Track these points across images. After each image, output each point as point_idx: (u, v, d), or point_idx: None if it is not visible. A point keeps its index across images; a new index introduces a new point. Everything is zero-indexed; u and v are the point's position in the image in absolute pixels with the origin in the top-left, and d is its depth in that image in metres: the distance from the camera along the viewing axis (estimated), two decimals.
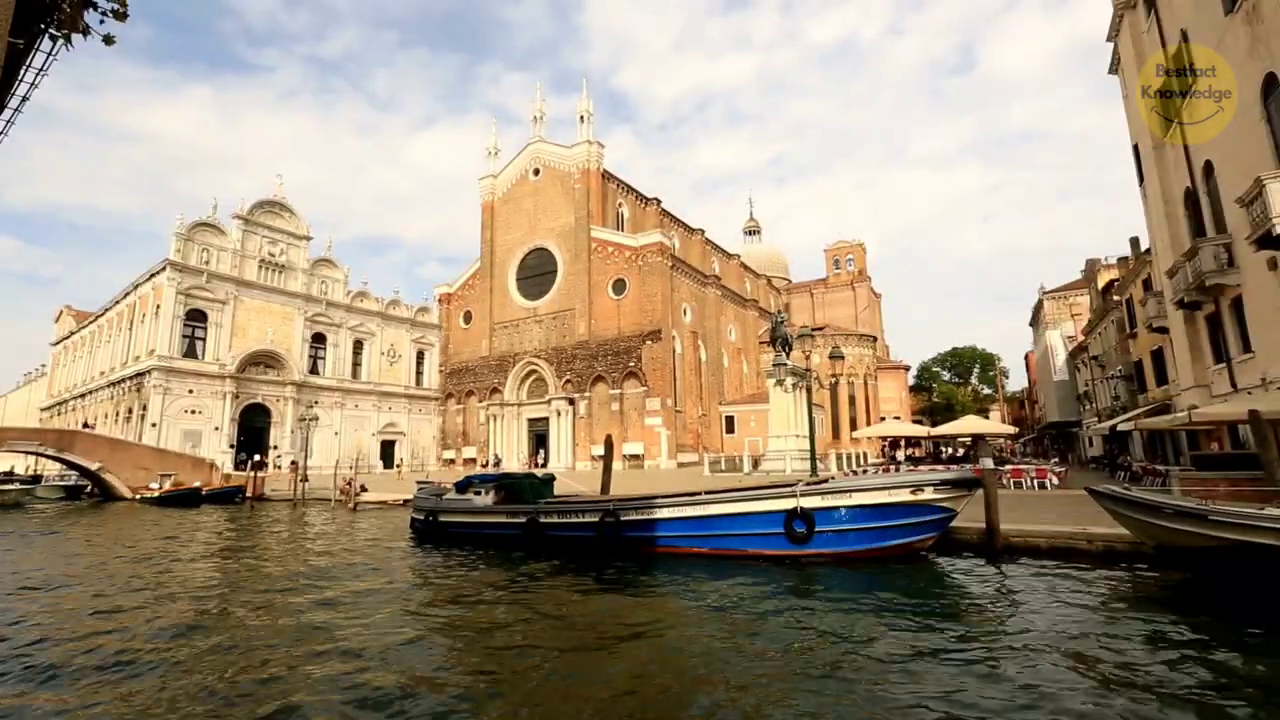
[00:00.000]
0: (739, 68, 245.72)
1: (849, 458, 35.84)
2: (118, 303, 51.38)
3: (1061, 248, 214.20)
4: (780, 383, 29.30)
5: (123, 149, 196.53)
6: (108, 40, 5.68)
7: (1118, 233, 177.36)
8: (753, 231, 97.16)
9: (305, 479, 31.54)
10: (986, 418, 58.18)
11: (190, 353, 44.47)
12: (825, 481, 13.58)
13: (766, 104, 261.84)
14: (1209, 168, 18.06)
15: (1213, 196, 18.08)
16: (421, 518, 16.99)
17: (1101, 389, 38.18)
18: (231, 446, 44.32)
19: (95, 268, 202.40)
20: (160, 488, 32.53)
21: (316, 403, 50.33)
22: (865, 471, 26.80)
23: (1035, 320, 65.74)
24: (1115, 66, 25.96)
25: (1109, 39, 25.51)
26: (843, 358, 31.41)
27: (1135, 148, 24.56)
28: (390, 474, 49.73)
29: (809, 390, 26.63)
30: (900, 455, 36.17)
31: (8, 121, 6.14)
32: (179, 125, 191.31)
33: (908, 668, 6.32)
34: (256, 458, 36.08)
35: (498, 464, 47.71)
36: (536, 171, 55.48)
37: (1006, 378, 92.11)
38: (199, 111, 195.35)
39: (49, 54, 5.71)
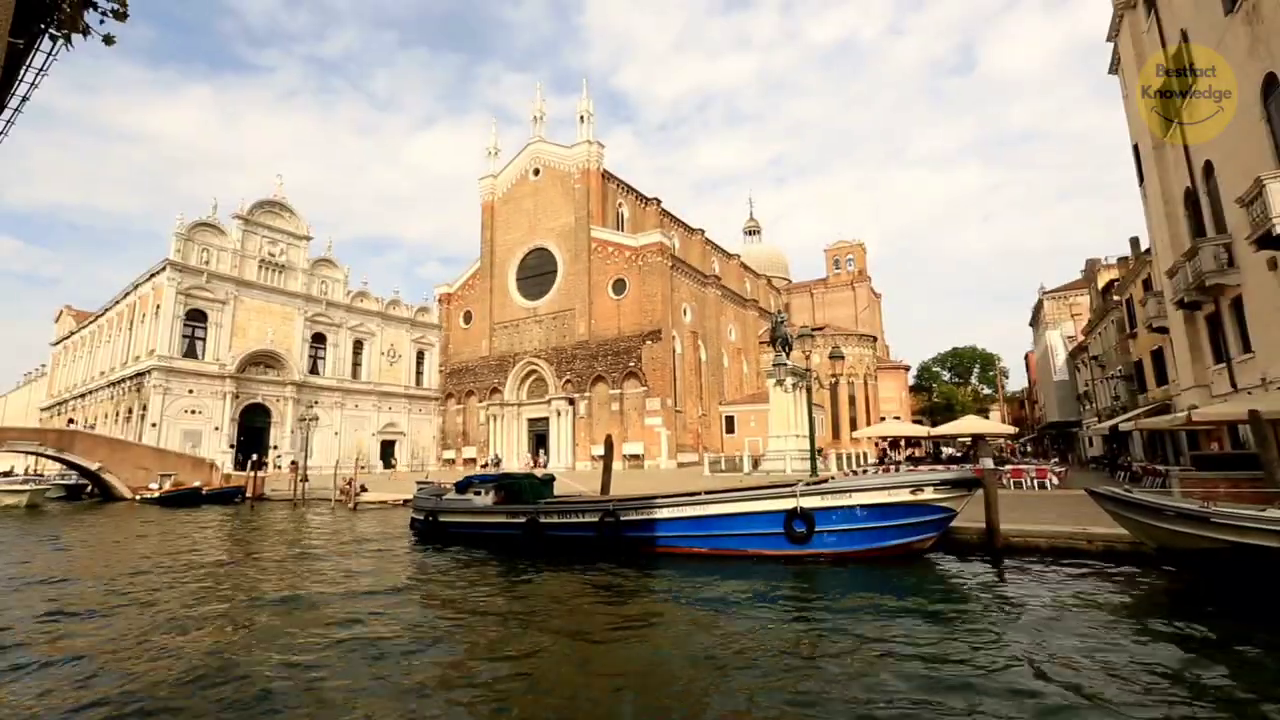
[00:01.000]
0: (739, 68, 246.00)
1: (849, 458, 35.84)
2: (118, 303, 51.37)
3: (1061, 248, 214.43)
4: (780, 383, 29.30)
5: (123, 149, 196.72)
6: (108, 40, 5.68)
7: (1118, 233, 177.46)
8: (753, 231, 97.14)
9: (305, 479, 31.55)
10: (986, 418, 58.18)
11: (190, 353, 44.47)
12: (825, 481, 13.59)
13: (766, 104, 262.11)
14: (1209, 168, 18.06)
15: (1213, 196, 18.07)
16: (421, 518, 16.99)
17: (1101, 389, 38.19)
18: (231, 446, 44.31)
19: (95, 268, 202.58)
20: (160, 488, 32.53)
21: (316, 403, 50.33)
22: (864, 471, 26.80)
23: (1035, 320, 65.74)
24: (1115, 66, 25.96)
25: (1109, 39, 25.51)
26: (843, 358, 31.40)
27: (1135, 148, 24.56)
28: (390, 473, 49.73)
29: (809, 390, 26.62)
30: (900, 455, 36.20)
31: (8, 121, 6.14)
32: (179, 125, 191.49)
33: (907, 668, 6.31)
34: (255, 457, 36.05)
35: (498, 464, 47.70)
36: (536, 171, 55.47)
37: (1006, 378, 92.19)
38: (199, 112, 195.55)
39: (49, 54, 5.71)
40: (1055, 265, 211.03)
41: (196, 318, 45.04)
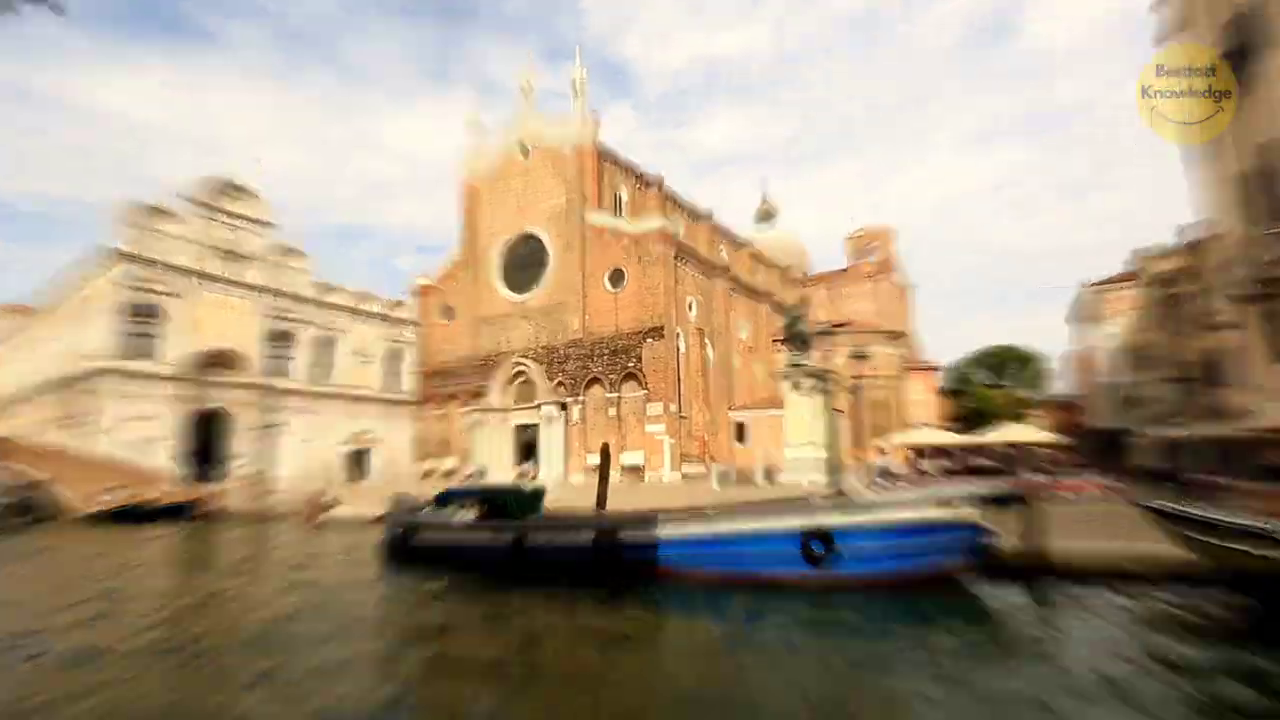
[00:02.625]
0: (750, 37, 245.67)
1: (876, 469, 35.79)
2: (56, 297, 51.36)
3: (1107, 240, 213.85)
4: (796, 385, 29.29)
5: (74, 129, 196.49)
6: (53, 7, 5.67)
7: (1169, 221, 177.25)
8: (766, 217, 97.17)
9: (266, 492, 31.53)
10: (1028, 423, 58.13)
11: (137, 352, 44.36)
12: (847, 496, 13.54)
13: (781, 76, 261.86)
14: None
15: None
16: (394, 536, 16.94)
17: (1153, 392, 38.16)
18: (184, 456, 44.27)
19: (38, 258, 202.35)
20: (103, 502, 32.47)
21: (280, 408, 50.25)
22: (876, 484, 26.73)
23: (1077, 316, 65.76)
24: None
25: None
26: (866, 357, 31.39)
27: None
28: (361, 486, 49.62)
29: (829, 394, 26.60)
30: (927, 464, 36.12)
31: None
32: (135, 103, 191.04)
33: (939, 709, 6.25)
34: (201, 469, 35.99)
35: (483, 475, 47.68)
36: (525, 149, 55.47)
37: (1050, 380, 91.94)
38: (158, 89, 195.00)
39: None
40: (1100, 257, 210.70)
41: (145, 313, 44.94)
